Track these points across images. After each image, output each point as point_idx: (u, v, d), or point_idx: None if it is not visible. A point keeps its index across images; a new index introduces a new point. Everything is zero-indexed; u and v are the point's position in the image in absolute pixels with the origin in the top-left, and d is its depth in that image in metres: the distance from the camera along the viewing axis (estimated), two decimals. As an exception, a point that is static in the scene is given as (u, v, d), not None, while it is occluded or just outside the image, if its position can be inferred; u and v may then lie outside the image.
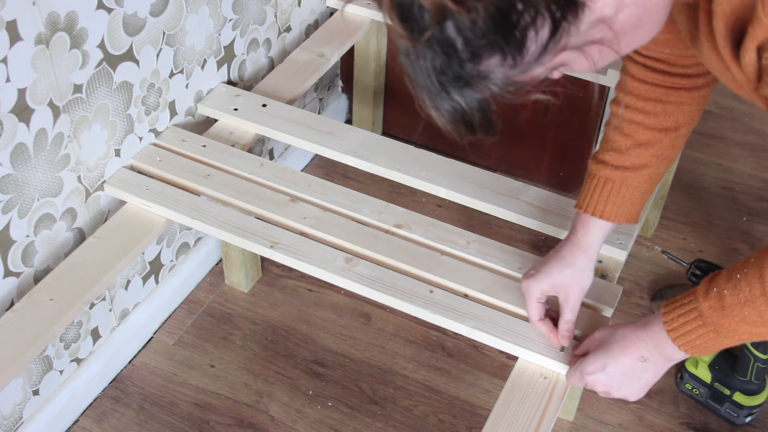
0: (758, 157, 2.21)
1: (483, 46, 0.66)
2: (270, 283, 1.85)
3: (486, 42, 0.65)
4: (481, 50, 0.66)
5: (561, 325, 1.20)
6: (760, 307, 0.93)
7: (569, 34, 0.69)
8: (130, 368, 1.68)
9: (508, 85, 0.70)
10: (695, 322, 0.99)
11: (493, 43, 0.66)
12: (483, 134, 0.73)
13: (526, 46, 0.67)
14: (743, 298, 0.94)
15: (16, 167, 1.28)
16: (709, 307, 0.97)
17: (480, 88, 0.69)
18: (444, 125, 0.72)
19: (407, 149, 1.55)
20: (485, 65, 0.67)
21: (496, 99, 0.71)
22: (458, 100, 0.70)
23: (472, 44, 0.66)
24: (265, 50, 1.83)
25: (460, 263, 1.34)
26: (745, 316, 0.94)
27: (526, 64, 0.68)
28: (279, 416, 1.60)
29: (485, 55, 0.66)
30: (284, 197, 1.44)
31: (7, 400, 1.42)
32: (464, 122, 0.72)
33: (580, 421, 1.61)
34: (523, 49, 0.67)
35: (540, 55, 0.68)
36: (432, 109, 0.72)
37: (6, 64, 1.20)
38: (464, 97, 0.70)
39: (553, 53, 0.69)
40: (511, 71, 0.68)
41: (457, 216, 1.97)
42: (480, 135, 0.73)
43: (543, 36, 0.67)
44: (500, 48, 0.66)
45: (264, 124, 1.60)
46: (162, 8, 1.46)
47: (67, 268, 1.37)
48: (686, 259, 1.84)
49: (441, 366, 1.70)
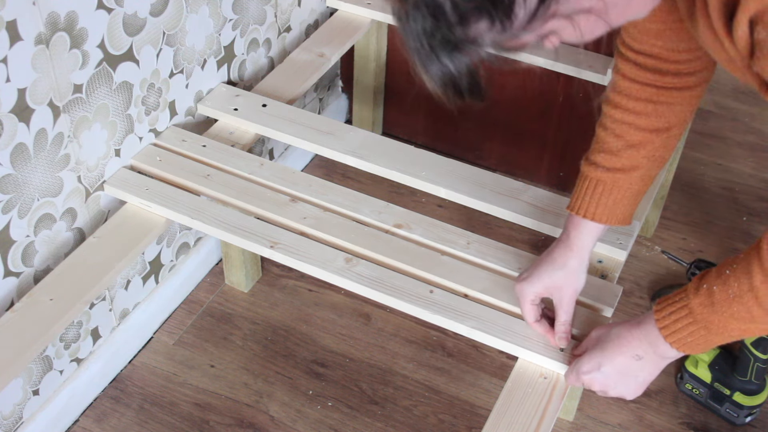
0: (758, 157, 2.21)
1: (470, 9, 0.66)
2: (270, 283, 1.85)
3: (473, 6, 0.66)
4: (468, 14, 0.67)
5: (557, 327, 1.20)
6: (748, 302, 0.93)
7: (558, 1, 0.69)
8: (130, 368, 1.68)
9: (498, 51, 0.71)
10: (686, 319, 0.99)
11: (480, 7, 0.66)
12: (471, 98, 0.74)
13: (514, 11, 0.67)
14: (732, 294, 0.94)
15: (16, 167, 1.28)
16: (699, 304, 0.98)
17: (469, 52, 0.70)
18: (433, 89, 0.73)
19: (407, 149, 1.55)
20: (474, 29, 0.68)
21: (486, 65, 0.72)
22: (447, 63, 0.70)
23: (459, 7, 0.66)
24: (265, 50, 1.83)
25: (460, 263, 1.34)
26: (734, 312, 0.95)
27: (515, 30, 0.69)
28: (279, 416, 1.60)
29: (473, 19, 0.67)
30: (284, 197, 1.44)
31: (7, 400, 1.42)
32: (453, 86, 0.72)
33: (580, 421, 1.61)
34: (511, 14, 0.67)
35: (528, 21, 0.69)
36: (422, 72, 0.72)
37: (6, 64, 1.20)
38: (453, 61, 0.70)
39: (542, 20, 0.70)
40: (500, 36, 0.69)
41: (457, 216, 1.97)
42: (468, 99, 0.74)
43: (531, 2, 0.68)
44: (488, 12, 0.67)
45: (264, 124, 1.60)
46: (162, 8, 1.46)
47: (67, 268, 1.37)
48: (686, 259, 1.84)
49: (441, 366, 1.70)
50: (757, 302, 0.92)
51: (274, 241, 1.36)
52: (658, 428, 1.60)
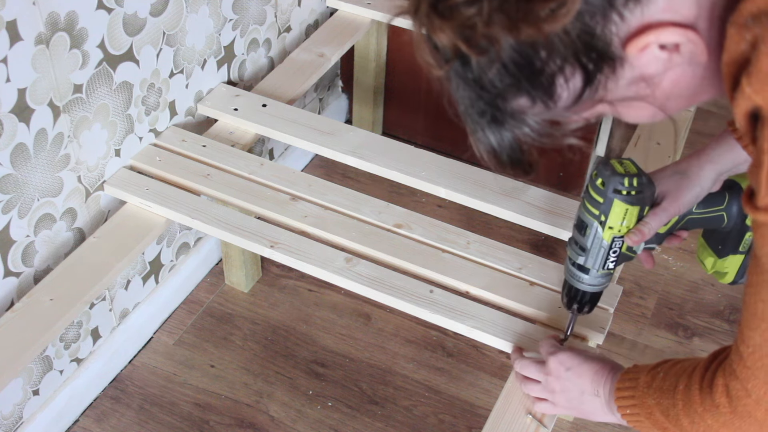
0: (758, 157, 2.21)
1: (508, 86, 0.64)
2: (270, 283, 1.85)
3: (510, 83, 0.63)
4: (506, 91, 0.64)
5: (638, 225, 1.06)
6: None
7: (606, 87, 0.65)
8: (130, 368, 1.68)
9: (542, 129, 0.67)
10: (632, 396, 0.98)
11: (517, 85, 0.64)
12: (514, 171, 0.70)
13: (556, 92, 0.64)
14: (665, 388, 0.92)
15: (16, 167, 1.28)
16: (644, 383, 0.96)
17: (510, 127, 0.67)
18: (479, 154, 0.71)
19: (407, 149, 1.55)
20: (516, 105, 0.65)
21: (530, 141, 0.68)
22: (488, 134, 0.68)
23: (495, 84, 0.64)
24: (265, 50, 1.83)
25: (461, 260, 1.34)
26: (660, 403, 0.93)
27: (560, 110, 0.66)
28: (279, 416, 1.60)
29: (511, 96, 0.65)
30: (284, 196, 1.44)
31: (7, 400, 1.42)
32: (495, 157, 0.69)
33: (580, 421, 1.61)
34: (553, 95, 0.65)
35: (573, 103, 0.66)
36: (469, 133, 0.69)
37: (6, 64, 1.20)
38: (494, 133, 0.68)
39: (589, 104, 0.66)
40: (544, 115, 0.66)
41: (457, 216, 1.97)
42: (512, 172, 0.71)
43: (575, 85, 0.64)
44: (527, 91, 0.64)
45: (264, 124, 1.60)
46: (162, 8, 1.46)
47: (67, 268, 1.37)
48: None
49: (441, 366, 1.70)
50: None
51: (274, 241, 1.36)
52: (658, 428, 1.60)
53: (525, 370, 1.14)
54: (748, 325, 0.76)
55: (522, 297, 1.28)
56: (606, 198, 1.00)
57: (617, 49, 0.63)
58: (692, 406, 0.87)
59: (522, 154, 0.69)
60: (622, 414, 0.99)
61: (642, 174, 1.00)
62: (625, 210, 1.00)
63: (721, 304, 1.83)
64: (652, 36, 0.63)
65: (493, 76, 0.63)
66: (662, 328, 1.78)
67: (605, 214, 1.01)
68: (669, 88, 0.67)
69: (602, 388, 1.03)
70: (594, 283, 1.08)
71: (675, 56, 0.65)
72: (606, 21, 0.62)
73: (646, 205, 1.02)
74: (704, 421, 0.86)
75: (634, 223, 1.02)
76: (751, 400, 0.79)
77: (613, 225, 1.01)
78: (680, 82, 0.67)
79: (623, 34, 0.63)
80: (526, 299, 1.28)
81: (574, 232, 1.06)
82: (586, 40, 0.62)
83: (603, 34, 0.62)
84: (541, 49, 0.62)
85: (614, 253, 1.04)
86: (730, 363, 0.81)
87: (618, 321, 1.78)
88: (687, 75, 0.67)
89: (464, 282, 1.30)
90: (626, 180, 0.99)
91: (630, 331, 1.77)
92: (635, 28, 0.63)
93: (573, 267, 1.08)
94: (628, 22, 0.63)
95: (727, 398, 0.82)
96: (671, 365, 0.94)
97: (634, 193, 0.99)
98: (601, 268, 1.06)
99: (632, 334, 1.76)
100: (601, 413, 1.05)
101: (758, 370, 0.77)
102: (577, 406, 1.07)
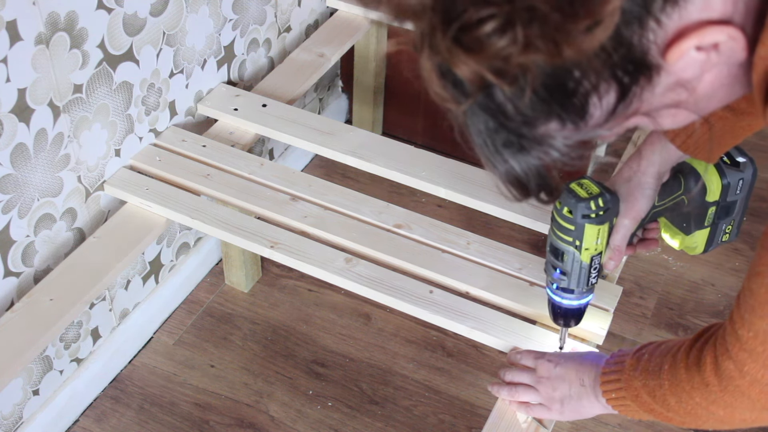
0: (758, 157, 2.20)
1: (537, 113, 0.59)
2: (270, 283, 1.85)
3: (540, 110, 0.59)
4: (534, 118, 0.59)
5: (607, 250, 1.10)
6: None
7: (641, 99, 0.61)
8: (130, 368, 1.68)
9: (570, 151, 0.62)
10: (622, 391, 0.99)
11: (548, 111, 0.59)
12: (539, 198, 0.66)
13: (588, 112, 0.60)
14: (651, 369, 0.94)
15: (16, 167, 1.28)
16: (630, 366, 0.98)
17: (537, 154, 0.62)
18: (499, 185, 0.67)
19: (407, 149, 1.55)
20: (543, 130, 0.61)
21: (560, 165, 0.64)
22: (513, 164, 0.63)
23: (523, 112, 0.59)
24: (265, 50, 1.83)
25: (461, 261, 1.34)
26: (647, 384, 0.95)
27: (591, 128, 0.61)
28: (279, 416, 1.60)
29: (540, 122, 0.60)
30: (284, 196, 1.44)
31: (7, 400, 1.42)
32: (520, 186, 0.65)
33: (580, 421, 1.61)
34: (585, 115, 0.60)
35: (606, 120, 0.61)
36: (488, 167, 0.65)
37: (6, 64, 1.20)
38: (519, 162, 0.63)
39: (623, 118, 0.62)
40: (573, 136, 0.62)
41: (457, 216, 1.97)
42: (537, 199, 0.66)
43: (609, 101, 0.60)
44: (557, 115, 0.59)
45: (264, 124, 1.60)
46: (162, 8, 1.46)
47: (67, 268, 1.37)
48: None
49: (441, 366, 1.70)
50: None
51: (274, 241, 1.36)
52: (659, 428, 1.60)
53: (517, 377, 1.14)
54: (754, 311, 0.76)
55: (522, 297, 1.28)
56: (576, 224, 1.02)
57: (654, 57, 0.59)
58: (679, 384, 0.88)
59: (550, 180, 0.65)
60: (608, 399, 1.00)
61: (604, 191, 1.02)
62: (597, 230, 1.02)
63: (721, 304, 1.83)
64: (694, 39, 0.58)
65: (522, 104, 0.58)
66: (662, 328, 1.78)
67: (579, 239, 1.03)
68: (707, 89, 0.64)
69: (587, 376, 1.05)
70: (580, 299, 1.10)
71: (713, 56, 0.61)
72: (643, 29, 0.57)
73: (615, 216, 1.05)
74: (692, 399, 0.86)
75: (607, 238, 1.04)
76: (745, 381, 0.80)
77: (589, 246, 1.03)
78: (717, 83, 0.64)
79: (661, 41, 0.58)
80: (526, 299, 1.28)
81: (550, 258, 1.08)
82: (622, 53, 0.58)
83: (640, 44, 0.58)
84: (575, 69, 0.57)
85: (595, 269, 1.07)
86: (724, 344, 0.81)
87: (618, 321, 1.78)
88: (723, 74, 0.63)
89: (464, 282, 1.30)
90: (592, 203, 1.01)
91: (630, 331, 1.77)
92: (673, 33, 0.58)
93: (558, 290, 1.10)
94: (666, 27, 0.58)
95: (716, 377, 0.83)
96: (655, 346, 0.95)
97: (603, 213, 1.01)
98: (585, 285, 1.08)
99: (632, 334, 1.76)
100: (587, 403, 1.06)
101: (759, 355, 0.77)
102: (568, 403, 1.08)
